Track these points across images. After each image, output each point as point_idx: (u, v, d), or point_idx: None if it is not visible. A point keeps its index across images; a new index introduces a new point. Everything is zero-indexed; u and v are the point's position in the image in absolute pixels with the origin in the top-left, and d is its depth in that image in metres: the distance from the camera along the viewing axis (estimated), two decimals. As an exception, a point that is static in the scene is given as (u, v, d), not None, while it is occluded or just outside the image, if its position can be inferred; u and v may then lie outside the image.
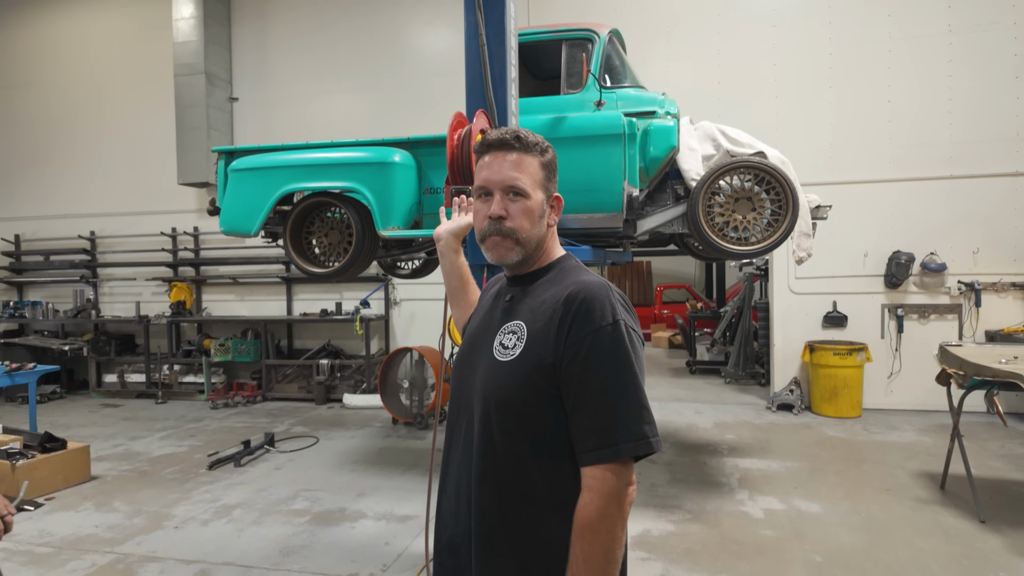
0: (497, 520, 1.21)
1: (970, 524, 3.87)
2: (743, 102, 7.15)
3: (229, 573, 3.42)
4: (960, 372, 4.04)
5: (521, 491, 1.19)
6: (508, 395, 1.20)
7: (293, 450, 5.82)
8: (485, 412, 1.23)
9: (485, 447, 1.22)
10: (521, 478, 1.19)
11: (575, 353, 1.15)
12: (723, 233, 4.09)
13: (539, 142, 1.31)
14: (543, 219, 1.32)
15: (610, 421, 1.12)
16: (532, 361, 1.19)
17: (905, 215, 6.83)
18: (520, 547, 1.19)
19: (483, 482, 1.23)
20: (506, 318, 1.30)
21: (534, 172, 1.29)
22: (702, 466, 5.11)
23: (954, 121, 6.70)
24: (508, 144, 1.29)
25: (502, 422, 1.21)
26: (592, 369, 1.14)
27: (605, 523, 1.09)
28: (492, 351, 1.26)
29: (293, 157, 4.49)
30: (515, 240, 1.28)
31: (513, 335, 1.25)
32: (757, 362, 8.73)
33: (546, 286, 1.30)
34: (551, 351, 1.18)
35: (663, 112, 4.18)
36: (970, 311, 6.70)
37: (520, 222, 1.27)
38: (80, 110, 9.34)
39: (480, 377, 1.27)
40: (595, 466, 1.11)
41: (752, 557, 3.50)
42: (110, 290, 9.38)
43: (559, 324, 1.18)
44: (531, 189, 1.28)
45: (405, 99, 8.25)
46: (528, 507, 1.19)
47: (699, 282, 16.62)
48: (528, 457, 1.19)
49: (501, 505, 1.20)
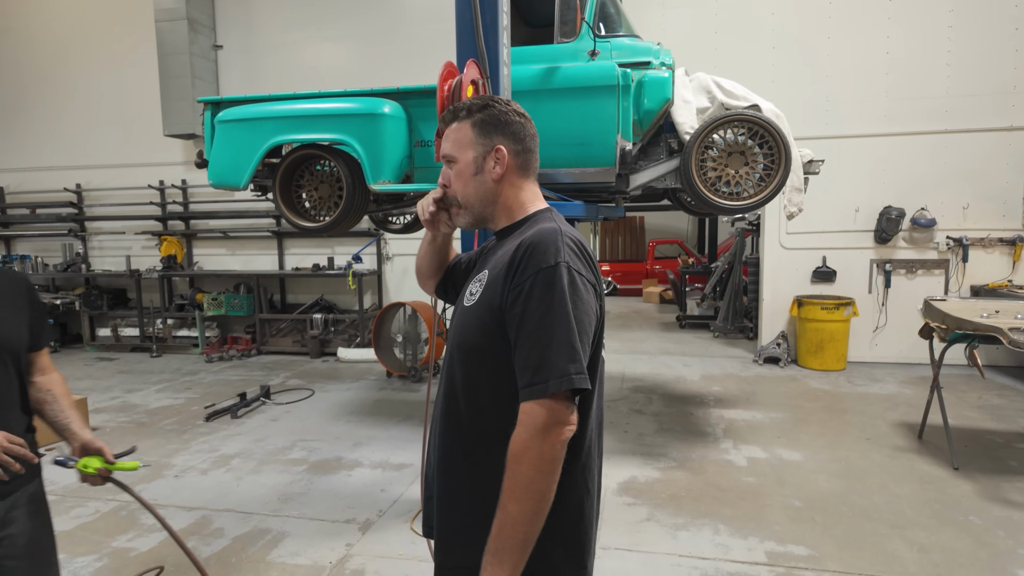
0: (457, 456, 1.31)
1: (944, 471, 4.03)
2: (740, 53, 7.02)
3: (229, 519, 3.53)
4: (943, 326, 4.13)
5: (478, 428, 1.28)
6: (467, 338, 1.30)
7: (289, 402, 5.92)
8: (450, 355, 1.35)
9: (448, 388, 1.33)
10: (478, 416, 1.28)
11: (517, 294, 1.20)
12: (715, 188, 4.09)
13: (468, 106, 1.39)
14: (480, 175, 1.37)
15: (540, 359, 1.15)
16: (485, 305, 1.27)
17: (897, 170, 6.82)
18: (478, 481, 1.28)
19: (446, 421, 1.33)
20: (479, 269, 1.41)
21: (463, 135, 1.37)
22: (688, 416, 5.24)
23: (952, 74, 6.62)
24: (446, 119, 1.41)
25: (462, 363, 1.30)
26: (529, 309, 1.18)
27: (528, 454, 1.13)
28: (463, 299, 1.37)
29: (281, 108, 4.40)
30: (457, 204, 1.40)
31: (479, 283, 1.33)
32: (746, 316, 8.85)
33: (513, 238, 1.35)
34: (499, 294, 1.24)
35: (658, 63, 4.10)
36: (957, 266, 6.78)
37: (455, 186, 1.39)
38: (61, 58, 9.04)
39: (453, 325, 1.38)
40: (527, 402, 1.16)
41: (734, 502, 3.64)
42: (99, 244, 9.30)
43: (507, 268, 1.25)
44: (458, 152, 1.38)
45: (395, 47, 8.03)
46: (485, 444, 1.26)
47: (692, 238, 16.65)
48: (484, 396, 1.27)
49: (461, 442, 1.30)
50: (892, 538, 3.20)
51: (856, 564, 2.97)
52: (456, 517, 1.32)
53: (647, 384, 6.29)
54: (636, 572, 2.92)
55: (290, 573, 2.97)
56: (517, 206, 1.38)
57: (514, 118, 1.40)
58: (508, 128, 1.38)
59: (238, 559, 3.10)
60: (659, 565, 2.98)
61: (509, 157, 1.37)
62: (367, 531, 3.37)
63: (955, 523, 3.35)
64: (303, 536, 3.32)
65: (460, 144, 1.37)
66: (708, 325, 9.49)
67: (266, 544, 3.24)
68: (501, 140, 1.37)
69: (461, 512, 1.32)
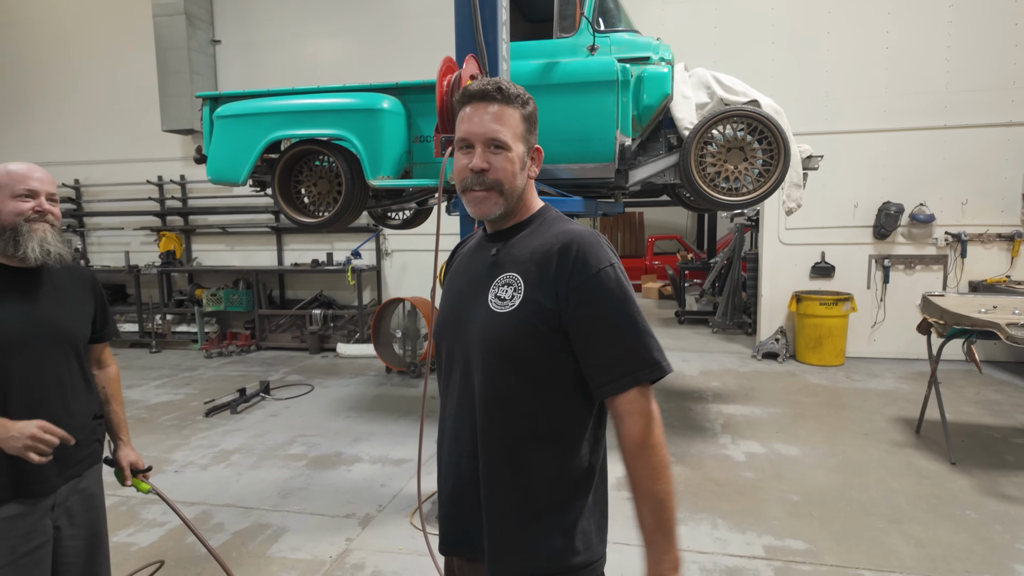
0: (504, 460, 1.28)
1: (941, 466, 4.05)
2: (739, 48, 7.01)
3: (230, 514, 3.54)
4: (940, 321, 4.14)
5: (527, 430, 1.27)
6: (511, 342, 1.25)
7: (289, 397, 5.93)
8: (487, 362, 1.27)
9: (489, 395, 1.27)
10: (526, 418, 1.26)
11: (579, 298, 1.22)
12: (714, 183, 4.09)
13: (520, 93, 1.31)
14: (524, 171, 1.33)
15: (627, 352, 1.21)
16: (531, 309, 1.24)
17: (897, 166, 6.83)
18: (527, 481, 1.27)
19: (489, 427, 1.28)
20: (496, 271, 1.32)
21: (515, 124, 1.29)
22: (687, 412, 5.26)
23: (952, 69, 6.61)
24: (490, 95, 1.28)
25: (506, 368, 1.26)
26: (600, 309, 1.21)
27: (651, 438, 1.21)
28: (488, 304, 1.29)
29: (279, 103, 4.40)
30: (499, 192, 1.30)
31: (508, 287, 1.28)
32: (744, 312, 8.87)
33: (531, 237, 1.33)
34: (551, 298, 1.23)
35: (657, 58, 4.10)
36: (955, 262, 6.79)
37: (502, 174, 1.28)
38: (59, 53, 9.01)
39: (477, 330, 1.30)
40: (625, 393, 1.21)
41: (732, 497, 3.66)
42: (98, 240, 9.29)
43: (557, 272, 1.23)
44: (512, 141, 1.29)
45: (393, 42, 8.01)
46: (534, 444, 1.27)
47: (691, 233, 16.64)
48: (532, 398, 1.26)
49: (508, 446, 1.27)
50: (889, 532, 3.22)
51: (853, 558, 2.98)
52: (513, 526, 1.28)
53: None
54: (635, 566, 2.93)
55: (290, 567, 2.98)
56: (524, 204, 1.38)
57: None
58: (537, 129, 1.38)
59: (239, 553, 3.11)
60: (657, 559, 2.99)
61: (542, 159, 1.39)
62: (367, 526, 3.38)
63: (952, 517, 3.37)
64: (303, 531, 3.33)
65: (515, 134, 1.29)
66: (707, 321, 9.50)
67: (266, 539, 3.25)
68: (535, 140, 1.36)
69: (521, 520, 1.28)
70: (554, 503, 1.27)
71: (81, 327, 1.91)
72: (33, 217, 1.74)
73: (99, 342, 2.03)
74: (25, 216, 1.73)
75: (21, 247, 1.72)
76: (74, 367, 1.87)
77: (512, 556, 1.27)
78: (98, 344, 2.04)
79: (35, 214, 1.75)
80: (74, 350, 1.87)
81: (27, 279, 1.79)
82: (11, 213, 1.73)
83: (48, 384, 1.79)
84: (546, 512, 1.27)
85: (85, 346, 1.94)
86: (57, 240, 1.79)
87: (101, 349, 2.06)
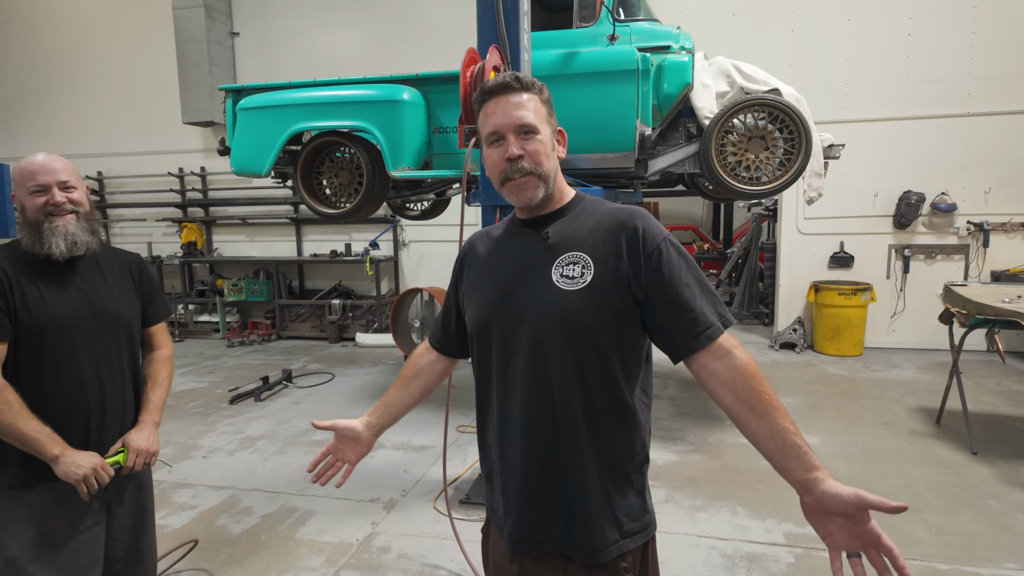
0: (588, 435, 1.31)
1: (962, 455, 4.04)
2: (758, 35, 6.94)
3: (257, 498, 3.64)
4: (963, 311, 4.12)
5: (606, 402, 1.31)
6: (588, 317, 1.28)
7: (311, 385, 6.03)
8: (565, 339, 1.29)
9: (569, 372, 1.29)
10: (605, 390, 1.31)
11: (651, 265, 1.28)
12: (735, 173, 4.08)
13: (535, 81, 1.38)
14: (554, 152, 1.39)
15: (707, 304, 1.28)
16: (608, 282, 1.29)
17: (918, 154, 6.74)
18: (608, 452, 1.33)
19: (570, 405, 1.30)
20: (555, 253, 1.34)
21: (537, 108, 1.35)
22: (705, 401, 5.27)
23: (976, 55, 6.51)
24: (510, 87, 1.34)
25: (585, 344, 1.29)
26: (675, 272, 1.28)
27: (751, 364, 1.25)
28: (554, 284, 1.31)
29: (301, 95, 4.45)
30: (537, 176, 1.33)
31: (575, 265, 1.31)
32: (762, 302, 8.83)
33: (581, 219, 1.37)
34: (624, 271, 1.29)
35: (678, 47, 4.09)
36: (977, 251, 6.71)
37: (538, 157, 1.33)
38: (80, 46, 9.13)
39: (546, 311, 1.30)
40: (719, 336, 1.26)
41: (752, 485, 3.68)
42: (121, 231, 9.44)
43: (629, 245, 1.29)
44: (539, 124, 1.34)
45: (410, 32, 8.03)
46: (612, 414, 1.32)
47: (707, 223, 16.53)
48: (613, 369, 1.31)
49: (591, 421, 1.31)
50: (910, 521, 3.23)
51: (874, 545, 3.00)
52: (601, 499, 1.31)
53: (663, 369, 6.31)
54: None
55: (319, 549, 3.06)
56: (560, 189, 1.42)
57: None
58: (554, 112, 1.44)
59: (268, 536, 3.20)
60: (678, 545, 3.04)
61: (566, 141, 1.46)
62: (391, 510, 3.46)
63: (973, 507, 3.37)
64: (330, 515, 3.41)
65: (540, 118, 1.34)
66: (723, 311, 9.47)
67: (294, 522, 3.34)
68: (556, 123, 1.42)
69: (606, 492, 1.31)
70: (632, 469, 1.35)
71: (128, 310, 1.93)
72: (52, 211, 1.74)
73: (148, 325, 2.04)
74: (45, 211, 1.74)
75: (45, 244, 1.74)
76: (124, 351, 1.91)
77: (603, 527, 1.31)
78: (149, 327, 2.05)
79: (52, 207, 1.74)
80: (125, 333, 1.91)
81: (69, 267, 1.83)
82: (33, 209, 1.75)
83: (99, 367, 1.84)
84: (626, 478, 1.34)
85: (138, 329, 1.98)
86: (83, 229, 1.79)
87: (153, 331, 2.06)
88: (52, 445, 1.70)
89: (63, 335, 1.77)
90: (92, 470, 1.74)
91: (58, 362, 1.77)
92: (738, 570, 2.83)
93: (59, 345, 1.77)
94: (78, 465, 1.72)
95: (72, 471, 1.71)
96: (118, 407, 1.90)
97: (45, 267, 1.79)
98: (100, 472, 1.76)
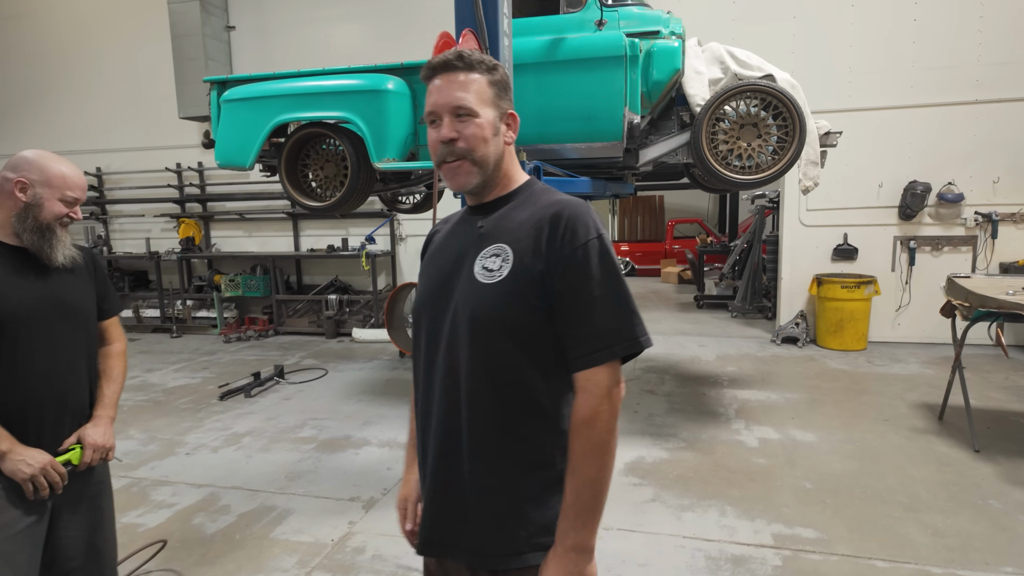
0: (494, 435, 1.24)
1: (964, 453, 3.90)
2: (759, 22, 6.77)
3: (237, 496, 3.57)
4: (965, 304, 3.98)
5: (517, 403, 1.23)
6: (500, 313, 1.21)
7: (302, 381, 5.97)
8: (473, 334, 1.23)
9: (478, 368, 1.23)
10: (515, 391, 1.23)
11: (566, 267, 1.19)
12: (726, 162, 3.96)
13: (484, 60, 1.28)
14: (497, 137, 1.29)
15: (604, 326, 1.18)
16: (523, 279, 1.21)
17: (924, 143, 6.56)
18: (517, 457, 1.24)
19: (478, 402, 1.24)
20: (483, 243, 1.28)
21: (480, 90, 1.25)
22: (701, 397, 5.16)
23: (984, 41, 6.31)
24: (451, 65, 1.25)
25: (495, 340, 1.22)
26: (585, 280, 1.19)
27: (601, 419, 1.17)
28: (474, 276, 1.25)
29: (284, 86, 4.37)
30: (471, 161, 1.26)
31: (496, 257, 1.24)
32: (765, 296, 8.68)
33: (519, 208, 1.29)
34: (540, 268, 1.20)
35: (668, 32, 3.96)
36: (985, 243, 6.53)
37: (471, 142, 1.24)
38: (77, 42, 9.11)
39: (464, 303, 1.25)
40: (589, 369, 1.18)
41: (743, 483, 3.57)
42: (120, 227, 9.44)
43: (548, 241, 1.21)
44: (478, 107, 1.25)
45: (407, 24, 7.92)
46: (523, 417, 1.24)
47: (713, 217, 16.34)
48: (524, 369, 1.23)
49: (497, 419, 1.24)
50: (905, 521, 3.11)
51: (866, 547, 2.89)
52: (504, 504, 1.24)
53: (660, 364, 6.20)
54: (638, 553, 2.88)
55: (292, 550, 2.99)
56: (509, 176, 1.34)
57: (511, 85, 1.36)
58: (511, 94, 1.35)
59: (243, 536, 3.13)
60: (662, 546, 2.94)
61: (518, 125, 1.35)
62: (371, 509, 3.38)
63: (973, 506, 3.24)
64: (307, 513, 3.34)
65: (481, 99, 1.25)
66: (726, 305, 9.33)
67: (271, 521, 3.27)
68: (509, 105, 1.33)
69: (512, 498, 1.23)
70: (553, 477, 1.24)
71: (86, 303, 1.93)
72: (65, 222, 1.82)
73: (103, 318, 2.03)
74: (60, 220, 1.80)
75: (55, 251, 1.80)
76: (81, 343, 1.89)
77: (511, 536, 1.23)
78: (103, 320, 2.04)
79: (67, 219, 1.82)
80: (84, 326, 1.91)
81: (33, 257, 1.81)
82: (52, 213, 1.77)
83: (57, 360, 1.82)
84: (546, 487, 1.24)
85: (95, 323, 1.98)
86: (70, 243, 1.89)
87: (107, 325, 2.05)
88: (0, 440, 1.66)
89: (23, 326, 1.74)
90: (41, 469, 1.69)
91: (16, 354, 1.73)
92: (722, 573, 2.72)
93: (18, 337, 1.73)
94: (27, 463, 1.68)
95: (20, 468, 1.67)
96: (75, 401, 1.87)
97: (10, 256, 1.77)
98: (49, 471, 1.71)
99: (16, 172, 1.76)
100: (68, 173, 1.81)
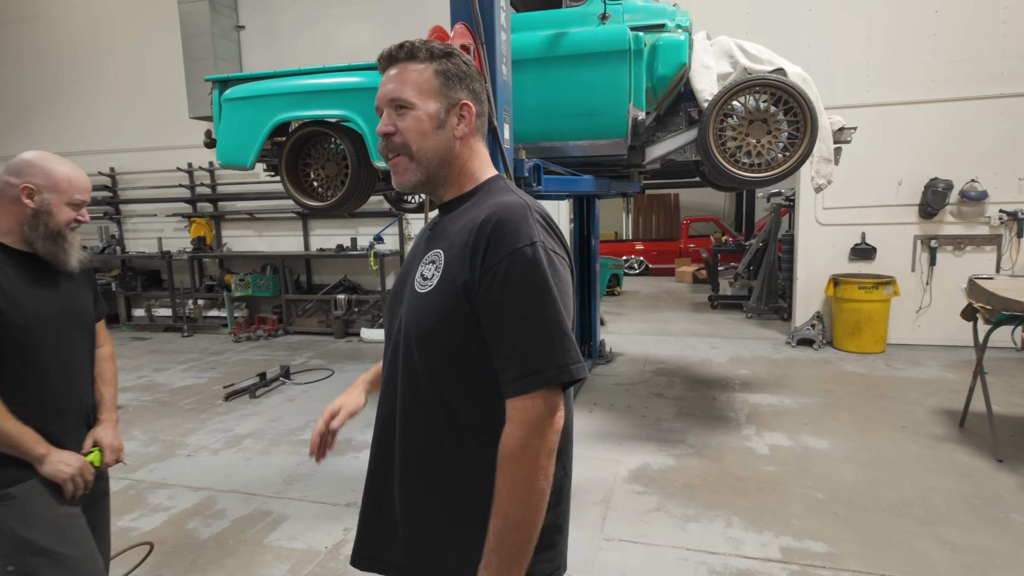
0: (423, 455, 1.17)
1: (986, 463, 3.73)
2: (773, 15, 6.59)
3: (233, 500, 3.53)
4: (987, 306, 3.80)
5: (448, 423, 1.15)
6: (428, 327, 1.13)
7: (308, 382, 5.94)
8: (407, 346, 1.17)
9: (408, 382, 1.17)
10: (446, 410, 1.14)
11: (491, 280, 1.06)
12: (735, 159, 3.82)
13: (431, 48, 1.18)
14: (441, 130, 1.18)
15: (528, 350, 1.04)
16: (448, 291, 1.11)
17: (946, 139, 6.34)
18: (451, 475, 1.16)
19: (408, 416, 1.18)
20: (428, 248, 1.21)
21: (422, 80, 1.17)
22: (711, 401, 5.02)
23: (1010, 32, 6.07)
24: (393, 56, 1.19)
25: (424, 355, 1.14)
26: (509, 296, 1.05)
27: (527, 453, 1.03)
28: (414, 283, 1.18)
29: (285, 84, 4.32)
30: (409, 156, 1.18)
31: (432, 264, 1.16)
32: (781, 296, 8.48)
33: (468, 210, 1.19)
34: (465, 278, 1.09)
35: (673, 25, 3.83)
36: (1011, 242, 6.29)
37: (409, 136, 1.16)
38: (89, 43, 9.18)
39: (403, 312, 1.20)
40: (517, 397, 1.05)
41: (751, 493, 3.44)
42: (133, 226, 9.51)
43: (472, 249, 1.09)
44: (417, 99, 1.16)
45: (416, 21, 7.83)
46: (455, 438, 1.15)
47: (729, 215, 16.10)
48: (453, 389, 1.13)
49: (428, 438, 1.16)
50: (921, 535, 2.97)
51: (879, 563, 2.75)
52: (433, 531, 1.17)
53: (670, 367, 6.07)
54: (638, 566, 2.77)
55: (285, 557, 2.93)
56: (468, 174, 1.23)
57: (475, 73, 1.25)
58: (471, 83, 1.23)
59: (235, 541, 3.08)
60: (663, 559, 2.82)
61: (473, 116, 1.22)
62: (366, 515, 3.31)
63: (994, 520, 3.09)
64: (303, 519, 3.28)
65: (421, 90, 1.16)
66: (741, 306, 9.15)
67: (265, 527, 3.21)
68: (465, 96, 1.21)
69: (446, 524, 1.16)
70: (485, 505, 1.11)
71: (88, 307, 1.94)
72: (74, 226, 1.80)
73: (95, 321, 2.02)
74: (70, 225, 1.78)
75: (70, 257, 1.79)
76: (87, 348, 1.92)
77: (433, 559, 1.17)
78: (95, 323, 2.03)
79: (76, 223, 1.80)
80: (88, 331, 1.92)
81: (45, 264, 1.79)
82: (64, 220, 1.76)
83: (74, 365, 1.84)
84: (475, 513, 1.13)
85: (94, 326, 1.98)
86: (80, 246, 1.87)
87: (97, 328, 2.04)
88: (37, 445, 1.68)
89: (46, 333, 1.75)
90: (79, 469, 1.74)
91: (41, 361, 1.74)
92: (725, 589, 2.61)
93: (42, 345, 1.74)
94: (66, 464, 1.72)
95: (61, 469, 1.70)
96: (86, 405, 1.90)
97: (24, 263, 1.75)
98: (85, 471, 1.76)
99: (20, 177, 1.71)
100: (73, 176, 1.78)
